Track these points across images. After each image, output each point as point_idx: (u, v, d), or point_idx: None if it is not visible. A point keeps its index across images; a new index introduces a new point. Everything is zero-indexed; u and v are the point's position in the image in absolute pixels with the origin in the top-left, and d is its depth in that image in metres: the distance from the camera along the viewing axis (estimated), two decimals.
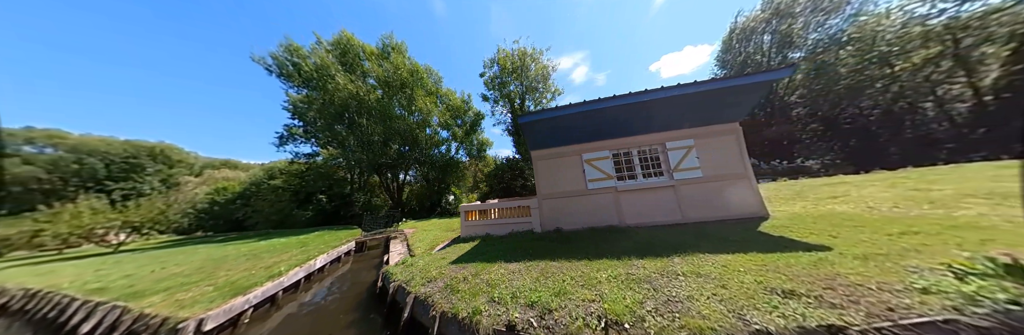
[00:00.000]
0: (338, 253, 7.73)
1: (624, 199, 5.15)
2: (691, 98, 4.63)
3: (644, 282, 2.45)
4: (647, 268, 2.75)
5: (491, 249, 4.60)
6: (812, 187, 6.95)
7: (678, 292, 2.17)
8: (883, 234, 3.02)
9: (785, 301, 1.87)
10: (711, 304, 1.94)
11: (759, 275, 2.27)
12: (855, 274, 2.11)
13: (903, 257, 2.34)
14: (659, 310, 1.97)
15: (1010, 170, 5.85)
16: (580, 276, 2.81)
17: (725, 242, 3.34)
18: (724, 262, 2.65)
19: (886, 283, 1.92)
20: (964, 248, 2.39)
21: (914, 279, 1.92)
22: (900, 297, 1.75)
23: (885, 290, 1.85)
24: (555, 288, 2.59)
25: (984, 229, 2.87)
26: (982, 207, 3.66)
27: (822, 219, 3.95)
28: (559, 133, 5.67)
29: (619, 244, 3.83)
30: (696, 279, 2.36)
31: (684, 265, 2.70)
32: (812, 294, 1.90)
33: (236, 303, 4.00)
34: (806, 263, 2.41)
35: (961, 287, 1.74)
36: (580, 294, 2.40)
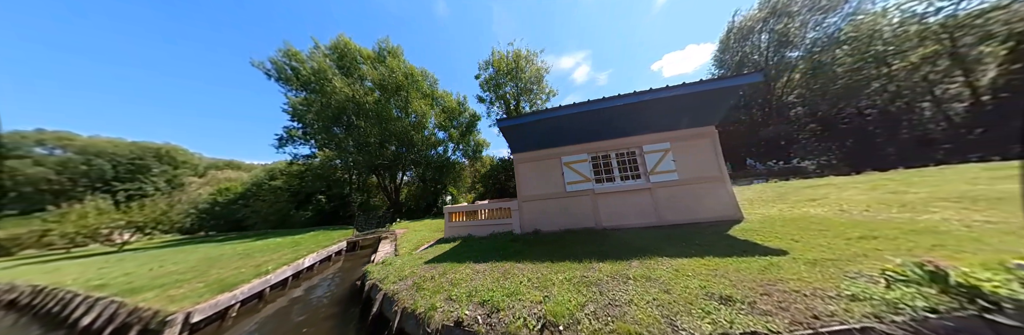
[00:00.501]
0: (328, 252, 7.94)
1: (601, 201, 5.23)
2: (666, 102, 4.71)
3: (594, 285, 2.54)
4: (603, 271, 2.84)
5: (467, 250, 4.75)
6: (796, 189, 6.96)
7: (622, 296, 2.25)
8: (843, 238, 3.08)
9: (720, 307, 1.90)
10: (648, 309, 2.01)
11: (706, 280, 2.34)
12: (797, 280, 2.15)
13: (851, 262, 2.39)
14: (597, 314, 2.06)
15: (995, 172, 5.81)
16: (537, 278, 2.92)
17: (690, 245, 3.41)
18: (678, 266, 2.73)
19: (821, 289, 1.96)
20: (913, 254, 2.43)
21: (847, 285, 1.96)
22: (829, 304, 1.79)
23: (818, 296, 1.89)
24: (510, 289, 2.71)
25: (940, 234, 2.91)
26: (949, 211, 3.68)
27: (792, 222, 4.00)
28: (539, 137, 5.78)
29: (587, 246, 3.93)
30: (644, 283, 2.44)
31: (639, 269, 2.78)
32: (747, 300, 1.93)
33: (222, 298, 4.27)
34: (756, 268, 2.46)
35: (886, 294, 1.77)
36: (531, 295, 2.51)
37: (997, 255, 2.12)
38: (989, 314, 1.50)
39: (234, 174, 30.39)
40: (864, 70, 14.47)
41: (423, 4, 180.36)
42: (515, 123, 5.74)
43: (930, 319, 1.55)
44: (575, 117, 5.25)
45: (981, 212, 3.48)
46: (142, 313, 3.88)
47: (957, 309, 1.56)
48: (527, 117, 5.65)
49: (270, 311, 4.63)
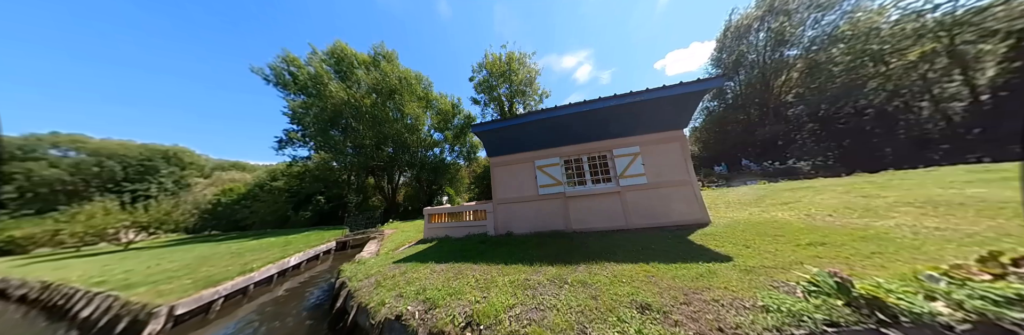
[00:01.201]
0: (316, 252, 8.21)
1: (572, 205, 5.33)
2: (635, 107, 4.80)
3: (532, 288, 2.66)
4: (547, 275, 2.95)
5: (436, 251, 4.91)
6: (777, 191, 6.94)
7: (551, 300, 2.35)
8: (793, 245, 3.10)
9: (636, 316, 1.94)
10: (568, 315, 2.08)
11: (638, 287, 2.39)
12: (723, 289, 2.16)
13: (785, 271, 2.40)
14: (520, 316, 2.17)
15: (975, 174, 5.73)
16: (484, 279, 3.06)
17: (644, 250, 3.48)
18: (619, 272, 2.81)
19: (741, 299, 1.99)
20: (850, 261, 2.47)
21: (764, 296, 1.96)
22: (740, 315, 1.80)
23: (734, 307, 1.91)
24: (455, 288, 2.86)
25: (885, 241, 2.92)
26: (907, 217, 3.68)
27: (754, 227, 4.03)
28: (514, 141, 5.91)
29: (547, 249, 4.04)
30: (578, 288, 2.53)
31: (582, 274, 2.87)
32: (665, 309, 1.97)
33: (205, 293, 4.64)
34: (693, 275, 2.50)
35: (794, 306, 1.76)
36: (470, 295, 2.65)
37: (924, 264, 2.15)
38: (885, 328, 1.49)
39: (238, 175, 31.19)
40: (861, 69, 14.21)
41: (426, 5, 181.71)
42: (490, 128, 5.90)
43: (829, 332, 1.55)
44: (548, 122, 5.38)
45: (937, 218, 3.48)
46: (132, 306, 4.26)
47: (856, 322, 1.56)
48: (501, 122, 5.81)
49: (253, 305, 4.98)
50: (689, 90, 4.38)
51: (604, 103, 4.84)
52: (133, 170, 28.38)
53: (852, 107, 14.82)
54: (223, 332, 4.05)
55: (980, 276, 1.72)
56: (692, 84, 4.34)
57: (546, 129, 5.52)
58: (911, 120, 13.05)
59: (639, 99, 4.65)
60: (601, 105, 4.88)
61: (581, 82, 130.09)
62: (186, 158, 33.04)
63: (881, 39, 13.34)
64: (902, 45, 12.78)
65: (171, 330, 4.08)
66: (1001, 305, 1.45)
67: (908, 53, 12.72)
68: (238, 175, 31.22)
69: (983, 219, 3.20)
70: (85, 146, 28.29)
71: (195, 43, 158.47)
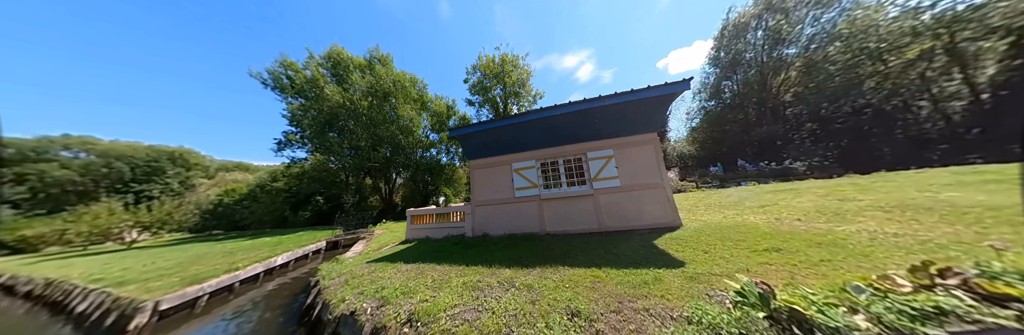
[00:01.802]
0: (305, 251, 8.41)
1: (547, 207, 5.38)
2: (608, 110, 4.84)
3: (480, 290, 2.74)
4: (500, 277, 3.02)
5: (410, 252, 5.03)
6: (759, 194, 6.90)
7: (492, 303, 2.42)
8: (750, 250, 3.07)
9: (564, 322, 1.97)
10: (501, 318, 2.14)
11: (579, 292, 2.42)
12: (660, 297, 2.16)
13: (730, 279, 2.34)
14: (456, 316, 2.26)
15: (960, 176, 5.64)
16: (441, 279, 3.16)
17: (606, 254, 3.51)
18: (570, 276, 2.85)
19: (671, 309, 1.98)
20: (797, 268, 2.44)
21: (693, 305, 1.94)
22: (664, 326, 1.79)
23: (661, 317, 1.90)
24: (410, 288, 2.97)
25: (839, 247, 2.88)
26: (873, 221, 3.65)
27: (721, 231, 4.02)
28: (492, 144, 5.98)
29: (513, 251, 4.11)
30: (522, 292, 2.60)
31: (532, 277, 2.93)
32: (592, 317, 1.98)
33: (189, 290, 4.92)
34: (637, 282, 2.51)
35: (715, 318, 1.74)
36: (422, 294, 2.76)
37: (863, 273, 2.13)
38: None
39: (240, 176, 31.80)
40: (859, 68, 13.95)
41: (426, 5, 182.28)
42: (467, 132, 6.00)
43: None
44: (524, 125, 5.45)
45: (900, 223, 3.45)
46: (122, 302, 4.55)
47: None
48: (479, 126, 5.89)
49: (239, 301, 5.25)
50: (657, 94, 4.40)
51: (576, 107, 4.90)
52: (140, 171, 29.16)
53: (850, 106, 14.57)
54: (206, 325, 4.27)
55: (903, 287, 1.67)
56: (659, 88, 4.37)
57: (523, 132, 5.59)
58: (909, 120, 12.79)
59: (609, 103, 4.69)
60: (573, 109, 4.94)
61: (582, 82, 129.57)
62: (191, 159, 33.81)
63: (879, 37, 13.09)
64: (900, 43, 12.53)
65: (157, 324, 4.34)
66: (916, 319, 1.42)
67: (907, 51, 12.46)
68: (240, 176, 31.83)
69: (943, 225, 3.18)
70: (95, 148, 29.15)
71: (195, 43, 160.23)
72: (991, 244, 1.98)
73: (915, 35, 12.13)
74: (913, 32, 12.14)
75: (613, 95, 4.60)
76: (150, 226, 14.02)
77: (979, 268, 1.74)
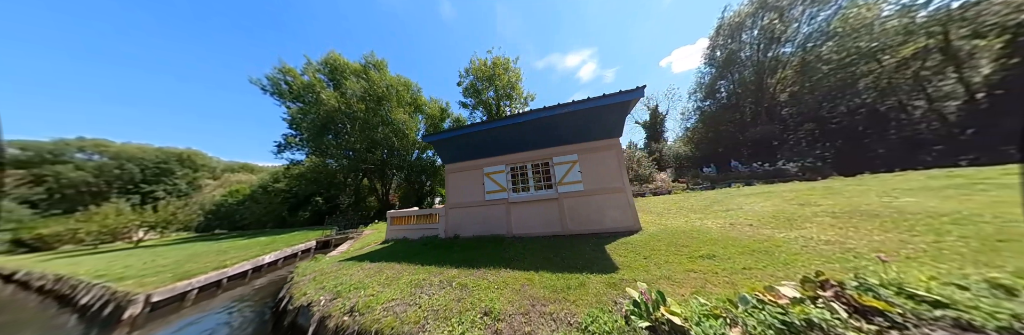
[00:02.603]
0: (294, 250, 8.83)
1: (515, 210, 5.56)
2: (571, 116, 5.00)
3: (421, 287, 2.97)
4: (444, 276, 3.24)
5: (382, 252, 5.31)
6: (733, 196, 6.94)
7: (425, 299, 2.65)
8: (687, 257, 3.13)
9: (473, 319, 2.15)
10: (424, 312, 2.39)
11: (503, 293, 2.59)
12: (572, 301, 2.28)
13: (652, 285, 2.44)
14: (389, 308, 2.52)
15: (933, 181, 5.61)
16: (393, 277, 3.41)
17: (554, 257, 3.67)
18: (506, 277, 3.04)
19: (573, 314, 2.08)
20: (715, 277, 2.48)
21: (589, 312, 2.01)
22: (555, 331, 1.90)
23: (559, 322, 2.01)
24: (365, 284, 3.24)
25: (770, 254, 2.92)
26: (817, 228, 3.67)
27: (674, 236, 4.08)
28: (465, 149, 6.19)
29: (472, 253, 4.32)
30: (455, 290, 2.81)
31: (473, 277, 3.13)
32: (500, 317, 2.14)
33: (179, 285, 5.43)
34: (563, 286, 2.64)
35: (602, 326, 1.79)
36: (371, 290, 3.03)
37: (772, 282, 2.14)
38: None
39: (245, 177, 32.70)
40: (852, 67, 13.72)
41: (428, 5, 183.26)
42: (442, 138, 6.22)
43: None
44: (495, 131, 5.64)
45: (840, 230, 3.48)
46: (118, 295, 5.07)
47: None
48: (452, 132, 6.10)
49: (228, 295, 5.73)
50: (614, 101, 4.54)
51: (541, 114, 5.07)
52: (150, 172, 30.24)
53: (846, 106, 14.34)
54: (194, 316, 4.72)
55: (781, 299, 1.72)
56: (615, 96, 4.50)
57: (494, 138, 5.78)
58: (903, 120, 12.55)
59: (570, 110, 4.85)
60: (539, 115, 5.10)
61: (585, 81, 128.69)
62: (198, 160, 34.88)
63: (873, 36, 12.86)
64: (894, 41, 12.29)
65: (149, 314, 4.83)
66: (783, 333, 1.45)
67: (901, 50, 12.22)
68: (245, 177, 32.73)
69: (879, 232, 3.23)
70: (107, 150, 30.33)
71: (198, 41, 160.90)
72: (877, 255, 2.08)
73: (909, 34, 11.90)
74: (907, 31, 11.91)
75: (572, 103, 4.75)
76: (155, 226, 14.64)
77: (858, 280, 1.81)
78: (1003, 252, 2.34)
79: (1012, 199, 3.68)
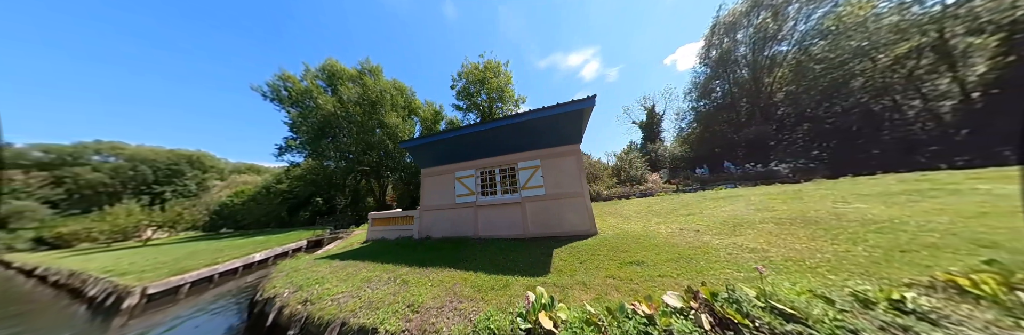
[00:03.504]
0: (284, 249, 9.35)
1: (482, 213, 5.80)
2: (533, 124, 5.22)
3: (369, 282, 3.30)
4: (395, 273, 3.56)
5: (357, 251, 5.65)
6: (704, 200, 7.02)
7: (368, 293, 2.99)
8: (618, 263, 3.22)
9: (397, 310, 2.47)
10: (360, 302, 2.75)
11: (435, 290, 2.87)
12: (487, 300, 2.50)
13: (567, 290, 2.62)
14: (335, 300, 2.89)
15: (900, 185, 5.62)
16: (352, 273, 3.77)
17: (500, 260, 3.88)
18: (446, 276, 3.32)
19: (478, 312, 2.29)
20: (626, 284, 2.60)
21: (489, 312, 2.19)
22: (455, 324, 2.11)
23: (464, 317, 2.24)
24: (326, 279, 3.61)
25: (694, 262, 3.01)
26: (754, 235, 3.68)
27: (623, 241, 4.13)
28: (440, 154, 6.47)
29: (433, 253, 4.60)
30: (396, 285, 3.12)
31: (417, 275, 3.42)
32: (417, 309, 2.43)
33: (173, 279, 6.02)
34: (488, 286, 2.86)
35: (492, 324, 1.92)
36: (329, 284, 3.40)
37: (674, 289, 2.29)
38: None
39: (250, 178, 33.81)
40: (847, 65, 13.45)
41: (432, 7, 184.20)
42: (417, 144, 6.50)
43: None
44: (465, 138, 5.89)
45: (774, 237, 3.52)
46: (119, 288, 5.71)
47: None
48: (426, 138, 6.38)
49: (219, 289, 6.29)
50: (567, 110, 4.74)
51: (504, 122, 5.32)
52: (162, 173, 31.60)
53: (841, 106, 14.07)
54: (186, 305, 5.32)
55: (655, 309, 1.77)
56: (567, 105, 4.70)
57: (465, 144, 6.03)
58: (896, 120, 12.27)
59: (530, 118, 5.07)
60: (503, 123, 5.34)
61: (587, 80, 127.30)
62: (207, 162, 36.24)
63: (866, 34, 12.59)
64: (888, 40, 12.03)
65: (146, 304, 5.44)
66: None
67: (895, 48, 11.95)
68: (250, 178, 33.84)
69: (805, 241, 3.28)
70: (123, 152, 31.81)
71: (203, 40, 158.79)
72: (757, 267, 2.21)
73: (902, 31, 11.63)
74: (900, 28, 11.65)
75: (530, 112, 4.97)
76: (163, 225, 15.44)
77: (728, 292, 1.91)
78: (895, 263, 2.42)
79: (954, 206, 3.73)
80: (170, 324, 4.35)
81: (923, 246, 2.66)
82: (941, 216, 3.39)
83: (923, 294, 1.75)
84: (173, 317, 4.73)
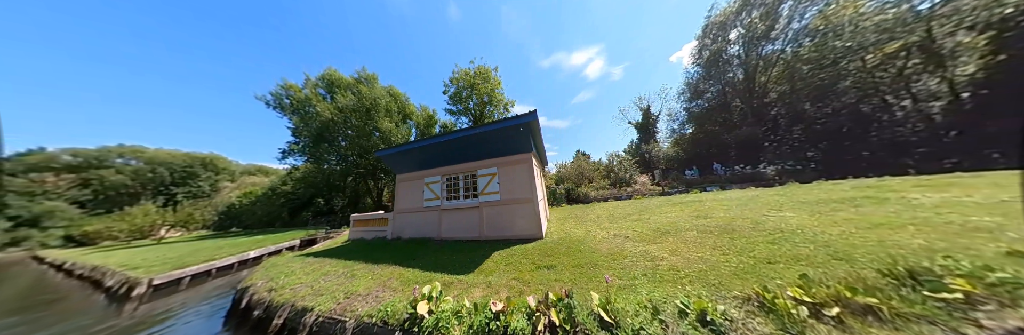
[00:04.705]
0: (277, 247, 10.16)
1: (445, 216, 6.26)
2: (483, 136, 5.64)
3: (326, 275, 3.93)
4: (350, 269, 4.16)
5: (335, 249, 6.31)
6: (662, 205, 7.15)
7: (320, 283, 3.60)
8: (535, 266, 3.49)
9: (334, 296, 3.08)
10: (310, 290, 3.38)
11: (371, 282, 3.44)
12: (403, 292, 3.03)
13: (470, 288, 3.02)
14: (293, 289, 3.52)
15: (845, 192, 5.70)
16: (317, 268, 4.38)
17: (445, 259, 4.34)
18: (389, 272, 3.88)
19: (389, 299, 2.92)
20: (511, 286, 2.94)
21: (392, 302, 2.78)
22: (362, 307, 2.82)
23: (378, 303, 2.88)
24: (294, 272, 4.24)
25: (593, 268, 3.21)
26: (672, 243, 3.81)
27: (557, 245, 4.37)
28: (412, 161, 6.98)
29: (393, 253, 5.12)
30: (344, 279, 3.70)
31: (366, 270, 3.96)
32: (351, 296, 3.05)
33: (174, 273, 6.91)
34: (414, 281, 3.36)
35: (392, 308, 2.58)
36: (294, 277, 4.02)
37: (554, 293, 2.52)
38: None
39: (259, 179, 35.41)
40: (837, 65, 13.21)
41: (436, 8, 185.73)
42: (390, 152, 7.02)
43: None
44: (434, 147, 6.36)
45: (683, 246, 3.61)
46: (131, 279, 6.62)
47: None
48: (399, 148, 6.89)
49: (216, 282, 7.11)
50: (509, 125, 5.18)
51: (461, 134, 5.81)
52: (177, 175, 33.48)
53: (830, 107, 13.81)
54: (184, 294, 6.15)
55: (506, 308, 2.16)
56: (508, 120, 5.15)
57: (433, 152, 6.50)
58: (884, 121, 12.01)
59: (481, 131, 5.50)
60: (461, 135, 5.81)
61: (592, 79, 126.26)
62: (220, 164, 38.10)
63: (854, 33, 12.34)
64: (877, 39, 11.77)
65: (153, 293, 6.31)
66: (482, 333, 1.90)
67: (884, 47, 11.69)
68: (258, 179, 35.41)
69: (707, 249, 3.35)
70: (143, 155, 33.85)
71: (208, 40, 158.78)
72: (606, 277, 2.53)
73: (891, 30, 11.38)
74: (889, 27, 11.41)
75: (482, 125, 5.52)
76: (175, 225, 16.64)
77: (567, 298, 2.20)
78: (749, 276, 2.50)
79: (863, 217, 3.70)
80: (178, 312, 4.93)
81: (790, 258, 2.77)
82: (839, 227, 3.48)
83: (736, 307, 1.95)
84: (180, 302, 5.54)
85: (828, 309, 1.76)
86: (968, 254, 2.31)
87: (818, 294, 1.89)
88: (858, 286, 1.90)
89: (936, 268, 2.02)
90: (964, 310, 1.64)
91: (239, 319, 3.62)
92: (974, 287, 1.74)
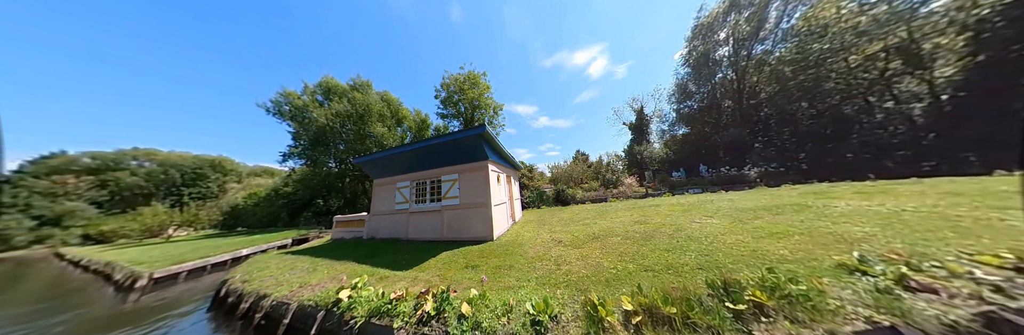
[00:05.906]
0: (269, 246, 10.93)
1: (412, 219, 6.74)
2: (444, 146, 6.09)
3: (293, 269, 4.55)
4: (314, 264, 4.77)
5: (315, 248, 6.91)
6: (620, 209, 7.31)
7: (286, 275, 4.21)
8: (464, 266, 3.79)
9: (291, 286, 3.68)
10: (275, 281, 3.94)
11: (326, 276, 4.00)
12: (337, 286, 3.50)
13: (398, 281, 3.53)
14: (263, 280, 4.10)
15: (788, 198, 5.76)
16: (290, 264, 4.95)
17: (397, 257, 4.80)
18: (345, 267, 4.39)
19: (325, 290, 3.48)
20: (432, 281, 3.34)
21: (333, 290, 3.37)
22: (312, 294, 3.39)
23: (320, 291, 3.45)
24: (269, 267, 4.81)
25: (508, 270, 3.45)
26: (595, 248, 3.93)
27: (500, 247, 4.63)
28: (386, 167, 7.49)
29: (360, 251, 5.65)
30: (307, 272, 4.29)
31: (328, 266, 4.49)
32: (306, 286, 3.65)
33: (173, 268, 7.73)
34: (358, 273, 3.91)
35: (328, 294, 3.26)
36: (268, 271, 4.59)
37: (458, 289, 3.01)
38: None
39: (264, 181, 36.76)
40: (821, 66, 13.15)
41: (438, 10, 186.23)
42: (366, 160, 7.56)
43: None
44: (405, 154, 6.86)
45: (599, 251, 3.77)
46: (135, 273, 7.46)
47: None
48: (373, 155, 7.43)
49: (211, 277, 7.85)
50: (460, 136, 5.65)
51: (424, 143, 6.30)
52: (187, 177, 35.04)
53: (816, 108, 13.75)
54: (182, 287, 6.92)
55: (406, 299, 2.85)
56: (459, 132, 5.73)
57: (404, 159, 6.98)
58: (865, 123, 11.95)
59: (442, 141, 5.95)
60: (424, 144, 6.29)
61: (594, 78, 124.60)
62: (227, 166, 39.62)
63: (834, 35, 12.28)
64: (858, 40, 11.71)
65: (154, 286, 7.09)
66: (375, 313, 2.63)
67: (866, 48, 11.62)
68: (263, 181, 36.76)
69: (612, 257, 3.47)
70: (155, 157, 35.54)
71: (210, 40, 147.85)
72: (482, 278, 2.94)
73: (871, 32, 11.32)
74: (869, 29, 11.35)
75: (439, 137, 6.03)
76: (182, 224, 17.68)
77: (440, 297, 2.62)
78: (616, 284, 2.64)
79: (772, 226, 3.75)
80: (174, 300, 5.60)
81: (665, 267, 2.90)
82: (739, 236, 3.59)
83: (574, 311, 2.16)
84: (176, 293, 6.30)
85: (634, 318, 1.95)
86: (807, 265, 2.46)
87: (639, 303, 2.10)
88: (672, 297, 2.09)
89: (748, 281, 2.17)
90: (747, 321, 1.78)
91: (219, 305, 4.31)
92: (768, 299, 1.87)
